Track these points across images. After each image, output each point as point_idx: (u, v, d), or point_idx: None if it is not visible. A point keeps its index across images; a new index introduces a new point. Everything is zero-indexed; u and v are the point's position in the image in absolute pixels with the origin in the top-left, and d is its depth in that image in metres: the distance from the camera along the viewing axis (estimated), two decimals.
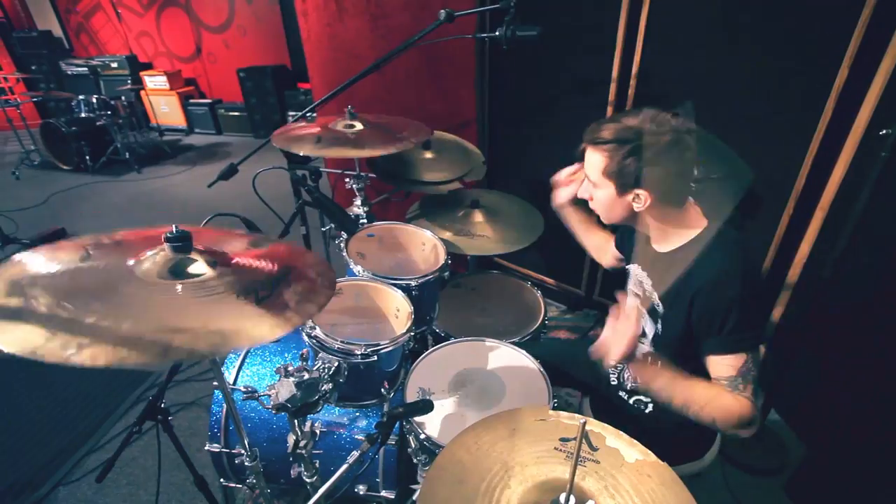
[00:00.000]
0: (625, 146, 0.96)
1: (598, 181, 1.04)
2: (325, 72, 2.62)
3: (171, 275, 0.76)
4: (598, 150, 1.01)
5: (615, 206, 1.05)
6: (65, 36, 7.24)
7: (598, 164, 1.02)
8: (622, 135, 0.97)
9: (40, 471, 1.81)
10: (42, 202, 4.42)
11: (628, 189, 1.00)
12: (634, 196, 1.00)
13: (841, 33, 1.47)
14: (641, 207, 1.01)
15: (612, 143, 0.98)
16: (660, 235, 1.09)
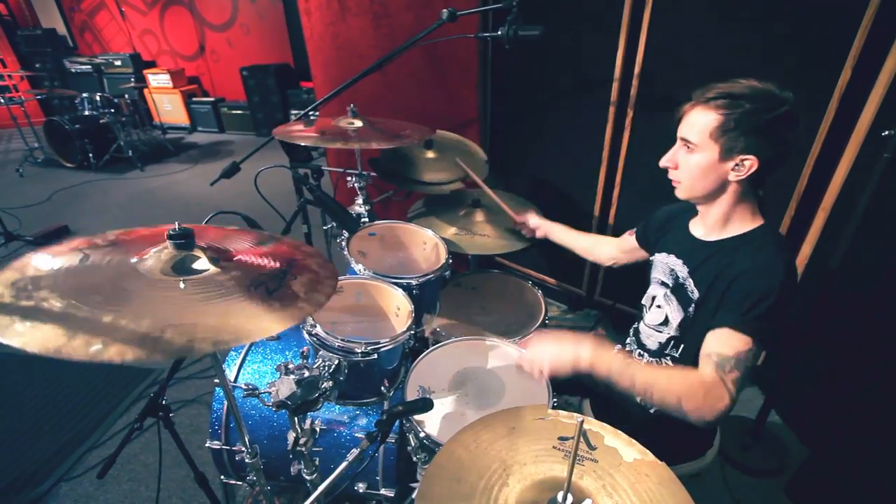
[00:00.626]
0: (742, 105, 0.93)
1: (702, 143, 0.98)
2: (327, 71, 2.62)
3: (175, 272, 0.77)
4: (711, 107, 0.96)
5: (709, 173, 0.99)
6: (69, 34, 7.27)
7: (707, 124, 0.97)
8: (745, 92, 0.93)
9: (42, 467, 1.82)
10: (45, 199, 4.44)
11: (734, 153, 0.95)
12: (738, 162, 0.96)
13: (844, 34, 1.47)
14: (741, 175, 0.97)
15: (732, 98, 0.94)
16: (719, 221, 1.06)
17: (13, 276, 0.72)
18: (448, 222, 1.81)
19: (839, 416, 1.75)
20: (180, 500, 1.71)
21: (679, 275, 1.13)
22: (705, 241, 1.10)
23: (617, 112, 2.08)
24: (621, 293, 2.39)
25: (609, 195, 2.27)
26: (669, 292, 1.16)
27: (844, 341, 1.72)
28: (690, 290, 1.09)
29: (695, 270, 1.09)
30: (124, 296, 0.70)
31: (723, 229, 1.07)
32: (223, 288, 0.75)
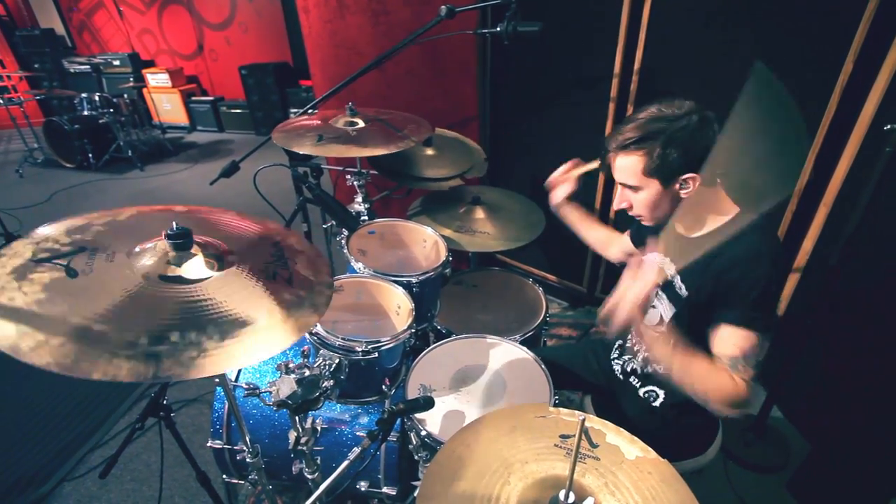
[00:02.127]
0: (658, 138, 0.96)
1: (640, 182, 1.02)
2: (326, 68, 2.61)
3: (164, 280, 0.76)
4: (631, 153, 1.00)
5: (661, 201, 1.04)
6: (67, 34, 7.25)
7: (635, 167, 1.01)
8: (651, 128, 0.96)
9: (45, 467, 1.83)
10: (45, 200, 4.44)
11: (674, 178, 0.99)
12: (681, 183, 0.99)
13: (846, 27, 1.46)
14: (691, 192, 1.00)
15: (644, 140, 0.97)
16: (693, 221, 1.08)
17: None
18: (448, 220, 1.80)
19: (841, 411, 1.75)
20: (183, 499, 1.72)
21: (667, 273, 1.14)
22: (688, 237, 1.11)
23: (617, 108, 2.07)
24: None
25: (609, 192, 2.26)
26: (660, 290, 1.16)
27: (846, 337, 1.71)
28: (678, 286, 1.10)
29: (682, 270, 1.10)
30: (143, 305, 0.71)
31: (701, 227, 1.09)
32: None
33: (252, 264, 0.84)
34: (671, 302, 1.13)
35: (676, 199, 1.03)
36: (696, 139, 0.94)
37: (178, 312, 0.70)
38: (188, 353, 0.64)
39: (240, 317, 0.73)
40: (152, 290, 0.73)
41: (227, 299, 0.75)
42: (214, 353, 0.66)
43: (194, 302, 0.73)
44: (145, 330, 0.65)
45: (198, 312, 0.71)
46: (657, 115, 0.97)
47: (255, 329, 0.72)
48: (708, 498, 0.67)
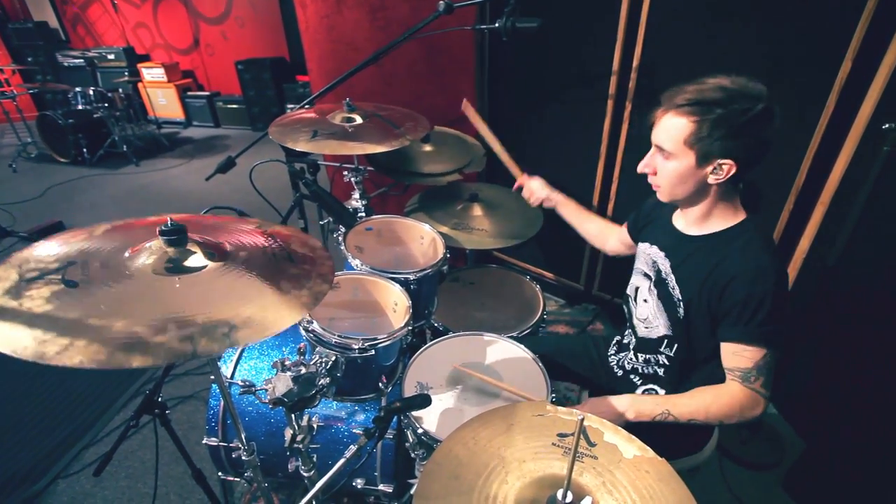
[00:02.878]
0: (715, 111, 0.88)
1: (677, 150, 0.95)
2: (323, 64, 2.59)
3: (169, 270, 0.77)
4: (682, 114, 0.92)
5: (687, 178, 0.97)
6: (61, 27, 7.17)
7: (680, 131, 0.93)
8: (714, 97, 0.89)
9: (38, 464, 1.81)
10: (39, 195, 4.40)
11: (710, 159, 0.92)
12: (716, 166, 0.93)
13: (844, 25, 1.45)
14: (720, 179, 0.94)
15: (702, 105, 0.89)
16: (700, 217, 1.05)
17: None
18: (445, 217, 1.80)
19: (836, 409, 1.76)
20: (178, 496, 1.71)
21: (661, 268, 1.13)
22: (687, 234, 1.09)
23: (615, 105, 2.06)
24: (619, 287, 2.38)
25: (607, 188, 2.26)
26: (652, 285, 1.16)
27: (841, 335, 1.72)
28: (672, 286, 1.09)
29: (677, 266, 1.08)
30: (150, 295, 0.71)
31: (703, 225, 1.06)
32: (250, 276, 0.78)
33: (249, 252, 0.86)
34: (661, 301, 1.12)
35: (701, 182, 0.97)
36: (750, 127, 0.88)
37: (193, 298, 0.72)
38: (220, 330, 0.65)
39: (255, 293, 0.75)
40: (161, 283, 0.74)
41: (236, 281, 0.77)
42: (244, 328, 0.67)
43: (205, 287, 0.75)
44: (172, 317, 0.66)
45: (211, 296, 0.73)
46: (729, 88, 0.89)
47: (273, 302, 0.74)
48: (703, 495, 0.67)
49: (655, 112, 1.00)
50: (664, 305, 1.12)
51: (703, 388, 1.04)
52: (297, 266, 0.85)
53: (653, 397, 1.11)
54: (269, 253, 0.88)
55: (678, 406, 1.04)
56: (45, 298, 0.66)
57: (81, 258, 0.76)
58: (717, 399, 1.01)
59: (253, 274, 0.79)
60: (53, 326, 0.62)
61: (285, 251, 0.90)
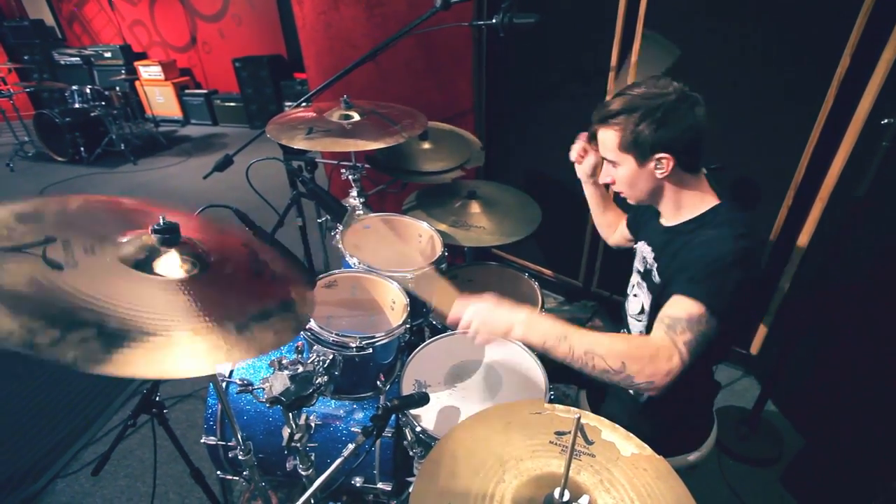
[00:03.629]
0: (634, 113, 0.96)
1: (617, 158, 1.04)
2: (320, 61, 2.58)
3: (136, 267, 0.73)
4: (609, 126, 1.01)
5: (639, 179, 1.04)
6: (57, 25, 7.14)
7: (612, 141, 1.02)
8: (629, 103, 0.97)
9: (37, 464, 1.81)
10: (37, 194, 4.38)
11: (648, 156, 0.99)
12: (656, 162, 0.99)
13: (843, 21, 1.45)
14: (665, 172, 1.00)
15: (621, 113, 0.98)
16: (673, 209, 1.08)
17: None
18: (443, 214, 1.79)
19: (835, 405, 1.76)
20: (177, 495, 1.71)
21: (647, 260, 1.16)
22: (666, 226, 1.12)
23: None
24: (618, 284, 2.38)
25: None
26: (640, 279, 1.19)
27: (841, 331, 1.72)
28: (654, 276, 1.11)
29: (659, 256, 1.11)
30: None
31: (678, 215, 1.09)
32: None
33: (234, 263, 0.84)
34: (649, 292, 1.14)
35: (653, 179, 1.03)
36: (669, 118, 0.94)
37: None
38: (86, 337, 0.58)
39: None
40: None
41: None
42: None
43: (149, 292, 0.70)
44: None
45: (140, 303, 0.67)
46: (638, 92, 0.97)
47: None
48: (702, 491, 0.66)
49: (591, 130, 1.10)
50: (651, 296, 1.14)
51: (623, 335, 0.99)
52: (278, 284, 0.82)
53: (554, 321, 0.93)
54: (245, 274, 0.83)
55: (579, 335, 0.89)
56: (26, 277, 0.59)
57: (61, 236, 0.69)
58: (628, 340, 0.93)
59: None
60: (41, 313, 0.56)
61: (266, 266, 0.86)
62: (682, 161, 1.00)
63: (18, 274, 0.61)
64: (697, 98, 0.96)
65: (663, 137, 0.96)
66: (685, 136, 0.97)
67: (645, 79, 1.00)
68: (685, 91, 0.96)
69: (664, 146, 0.97)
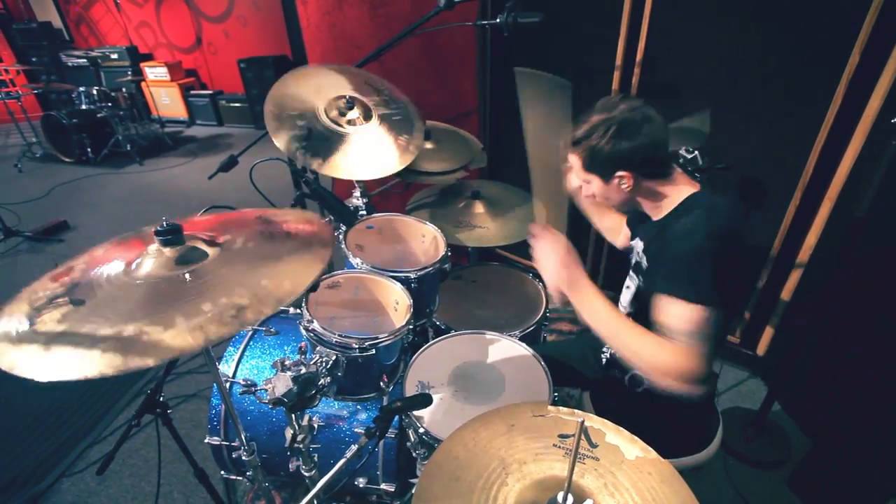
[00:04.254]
0: (589, 137, 1.04)
1: (586, 177, 1.12)
2: (324, 61, 2.58)
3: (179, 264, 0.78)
4: (572, 152, 1.11)
5: (609, 193, 1.11)
6: (64, 27, 7.21)
7: (577, 163, 1.11)
8: (586, 129, 1.05)
9: (43, 463, 1.82)
10: (44, 195, 4.42)
11: (610, 175, 1.06)
12: (618, 179, 1.06)
13: (853, 15, 1.43)
14: (628, 187, 1.06)
15: (581, 140, 1.06)
16: (653, 208, 1.13)
17: None
18: (447, 214, 1.78)
19: (842, 407, 1.74)
20: (181, 494, 1.71)
21: (638, 252, 1.20)
22: (654, 221, 1.15)
23: None
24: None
25: None
26: (632, 272, 1.23)
27: (848, 332, 1.70)
28: (643, 266, 1.16)
29: (647, 248, 1.16)
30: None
31: (659, 210, 1.12)
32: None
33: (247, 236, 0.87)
34: (638, 277, 1.19)
35: (623, 192, 1.09)
36: (616, 141, 1.00)
37: (197, 287, 0.72)
38: (228, 313, 0.67)
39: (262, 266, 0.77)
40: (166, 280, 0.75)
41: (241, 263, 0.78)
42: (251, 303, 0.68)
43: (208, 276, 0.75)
44: (178, 311, 0.67)
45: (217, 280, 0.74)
46: (594, 119, 1.04)
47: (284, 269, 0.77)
48: (708, 494, 0.66)
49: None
50: (637, 280, 1.19)
51: (643, 329, 0.99)
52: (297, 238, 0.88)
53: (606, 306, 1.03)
54: (265, 233, 0.89)
55: (617, 328, 1.00)
56: (56, 321, 0.68)
57: (86, 279, 0.78)
58: (659, 343, 0.95)
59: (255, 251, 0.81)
60: (68, 344, 0.63)
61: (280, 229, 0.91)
62: (644, 173, 1.06)
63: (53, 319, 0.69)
64: (647, 113, 1.00)
65: (617, 156, 1.02)
66: (639, 152, 1.02)
67: (598, 103, 1.07)
68: (634, 108, 1.01)
69: (621, 164, 1.03)
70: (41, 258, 3.23)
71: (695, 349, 0.91)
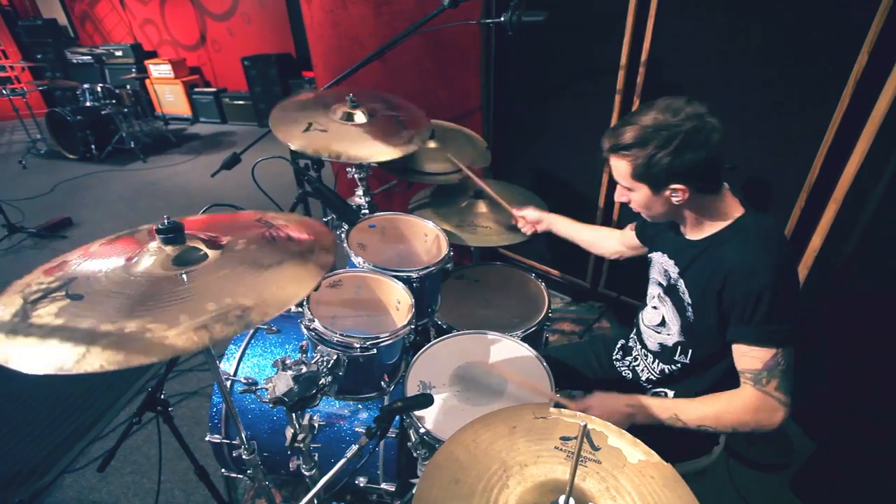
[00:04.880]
0: (648, 146, 0.93)
1: (630, 185, 1.02)
2: (328, 59, 2.58)
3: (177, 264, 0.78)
4: (620, 157, 0.99)
5: (654, 204, 1.03)
6: (69, 24, 7.22)
7: (625, 170, 1.00)
8: (640, 135, 0.94)
9: (45, 459, 1.83)
10: (48, 191, 4.44)
11: (663, 186, 0.98)
12: (671, 191, 0.98)
13: (861, 14, 1.41)
14: (680, 200, 0.99)
15: (633, 146, 0.95)
16: (695, 225, 1.07)
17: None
18: (450, 214, 1.78)
19: (846, 409, 1.72)
20: (182, 492, 1.72)
21: (671, 275, 1.12)
22: (691, 240, 1.09)
23: (623, 100, 2.03)
24: (626, 285, 2.36)
25: (614, 184, 2.23)
26: (663, 293, 1.15)
27: (852, 335, 1.68)
28: (682, 291, 1.08)
29: (685, 271, 1.08)
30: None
31: (700, 229, 1.07)
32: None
33: (247, 240, 0.86)
34: (675, 307, 1.11)
35: (669, 204, 1.01)
36: (683, 149, 0.91)
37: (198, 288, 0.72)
38: (233, 313, 0.67)
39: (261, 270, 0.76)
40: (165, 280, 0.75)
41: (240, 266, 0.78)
42: (256, 304, 0.69)
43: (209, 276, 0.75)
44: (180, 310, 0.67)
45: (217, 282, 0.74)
46: (650, 123, 0.94)
47: (283, 274, 0.76)
48: (710, 497, 0.65)
49: (604, 156, 1.06)
50: (677, 311, 1.11)
51: (716, 394, 1.01)
52: (297, 243, 0.87)
53: (661, 400, 1.07)
54: (266, 237, 0.88)
55: (687, 411, 1.01)
56: (53, 315, 0.67)
57: (83, 274, 0.77)
58: (729, 404, 0.98)
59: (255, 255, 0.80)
60: (67, 338, 0.63)
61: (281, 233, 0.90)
62: (699, 188, 0.98)
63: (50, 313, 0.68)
64: (715, 125, 0.92)
65: (678, 169, 0.93)
66: (702, 167, 0.94)
67: (657, 103, 0.96)
68: (702, 118, 0.92)
69: (679, 177, 0.95)
70: (45, 254, 3.24)
71: (771, 387, 0.93)
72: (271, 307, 0.69)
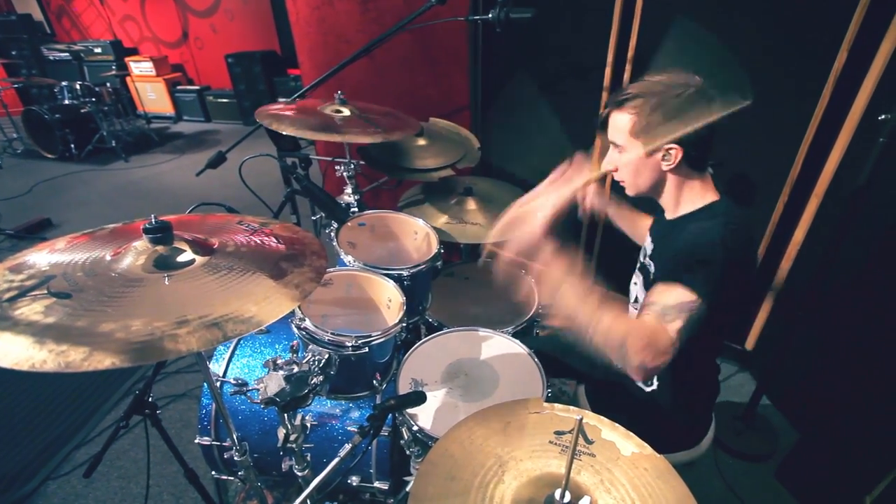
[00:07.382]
0: (651, 99, 0.96)
1: (626, 143, 1.03)
2: (314, 57, 2.55)
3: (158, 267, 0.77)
4: (624, 109, 1.00)
5: (643, 169, 1.04)
6: (45, 20, 7.04)
7: (625, 125, 1.01)
8: (649, 88, 0.97)
9: (28, 465, 1.78)
10: (26, 192, 4.33)
11: (657, 146, 0.99)
12: (664, 153, 0.99)
13: (840, 14, 1.44)
14: (671, 165, 1.00)
15: (639, 97, 0.97)
16: (673, 203, 1.08)
17: None
18: (439, 211, 1.78)
19: (829, 400, 1.77)
20: (171, 496, 1.69)
21: (647, 252, 1.17)
22: (668, 220, 1.12)
23: (610, 96, 2.04)
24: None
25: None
26: (638, 270, 1.20)
27: (836, 326, 1.72)
28: (651, 266, 1.12)
29: (655, 248, 1.13)
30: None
31: (677, 209, 1.09)
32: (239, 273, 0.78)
33: (235, 245, 0.85)
34: (643, 283, 1.15)
35: (657, 170, 1.03)
36: (684, 109, 0.94)
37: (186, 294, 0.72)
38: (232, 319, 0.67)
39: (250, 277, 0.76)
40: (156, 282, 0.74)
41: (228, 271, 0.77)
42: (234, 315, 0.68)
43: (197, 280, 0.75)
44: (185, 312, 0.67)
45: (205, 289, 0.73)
46: (660, 79, 0.97)
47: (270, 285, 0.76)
48: (697, 487, 0.66)
49: (604, 114, 1.07)
50: (644, 288, 1.14)
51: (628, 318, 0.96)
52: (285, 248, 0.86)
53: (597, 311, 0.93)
54: (255, 247, 0.87)
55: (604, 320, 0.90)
56: (40, 313, 0.65)
57: (61, 271, 0.75)
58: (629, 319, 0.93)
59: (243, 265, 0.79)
60: (64, 338, 0.61)
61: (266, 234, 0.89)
62: (690, 156, 0.99)
63: (32, 312, 0.66)
64: (716, 96, 0.95)
65: (681, 122, 0.95)
66: (703, 131, 0.95)
67: (669, 68, 0.99)
68: (706, 87, 0.95)
69: (677, 138, 0.96)
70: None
71: (671, 325, 0.87)
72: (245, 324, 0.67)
